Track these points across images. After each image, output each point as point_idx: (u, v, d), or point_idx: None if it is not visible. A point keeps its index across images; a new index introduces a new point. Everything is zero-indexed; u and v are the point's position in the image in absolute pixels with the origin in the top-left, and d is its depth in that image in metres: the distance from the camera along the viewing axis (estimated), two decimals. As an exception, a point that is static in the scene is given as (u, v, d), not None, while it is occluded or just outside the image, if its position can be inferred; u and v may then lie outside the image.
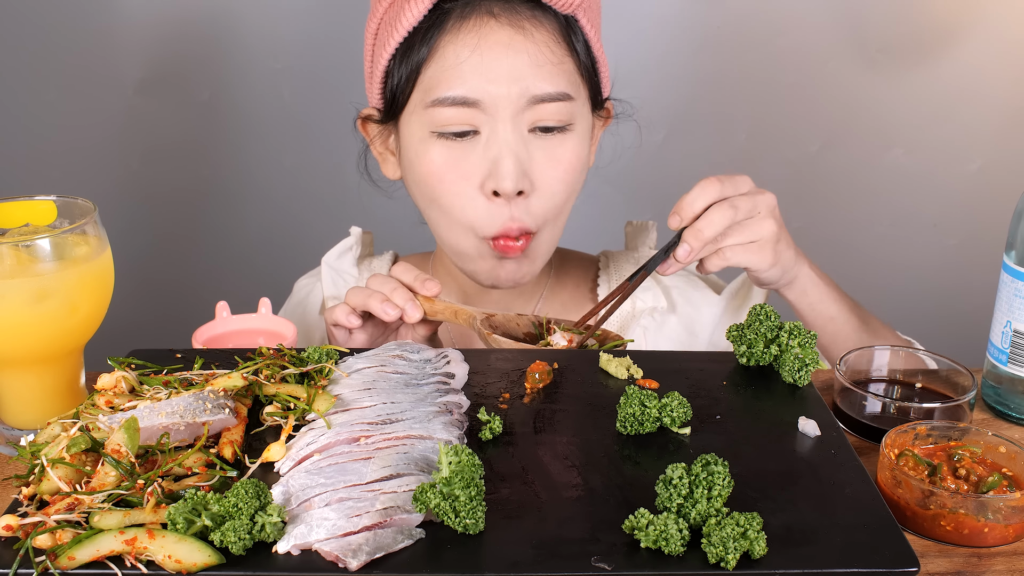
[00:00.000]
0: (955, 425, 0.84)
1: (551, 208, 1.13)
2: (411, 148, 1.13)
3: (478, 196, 1.10)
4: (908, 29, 2.22)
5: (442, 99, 1.08)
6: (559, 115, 1.09)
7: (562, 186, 1.12)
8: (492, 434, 0.80)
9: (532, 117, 1.09)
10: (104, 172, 2.23)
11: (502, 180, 1.07)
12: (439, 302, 1.08)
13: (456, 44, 1.07)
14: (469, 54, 1.06)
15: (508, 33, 1.07)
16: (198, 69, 2.17)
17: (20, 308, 0.82)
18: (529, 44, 1.07)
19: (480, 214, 1.11)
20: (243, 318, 1.10)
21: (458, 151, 1.09)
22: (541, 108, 1.08)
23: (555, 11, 1.10)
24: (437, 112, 1.08)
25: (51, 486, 0.69)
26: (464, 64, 1.07)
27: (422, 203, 1.17)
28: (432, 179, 1.12)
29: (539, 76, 1.07)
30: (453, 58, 1.07)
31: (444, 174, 1.10)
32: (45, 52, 2.12)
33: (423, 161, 1.12)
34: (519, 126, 1.08)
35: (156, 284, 2.26)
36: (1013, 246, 0.95)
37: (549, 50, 1.08)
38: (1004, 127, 2.28)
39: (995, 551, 0.75)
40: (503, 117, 1.07)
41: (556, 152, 1.11)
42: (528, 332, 1.09)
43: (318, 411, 0.79)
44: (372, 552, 0.64)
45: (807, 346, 0.90)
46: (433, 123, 1.09)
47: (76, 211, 0.88)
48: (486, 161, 1.09)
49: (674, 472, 0.68)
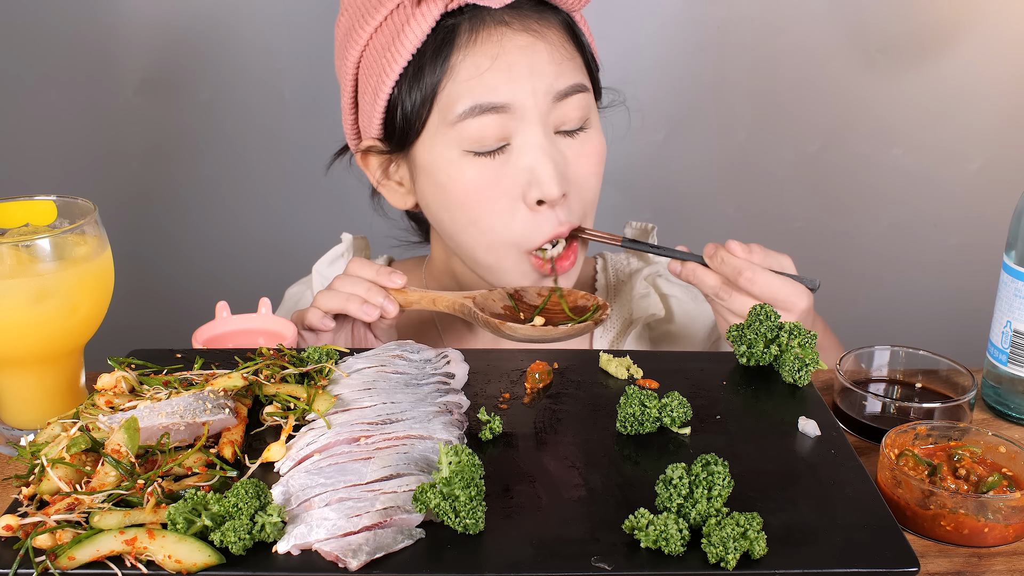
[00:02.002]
0: (955, 425, 0.84)
1: (588, 203, 1.13)
2: (440, 172, 1.09)
3: (520, 209, 1.08)
4: (908, 29, 2.22)
5: (471, 109, 1.04)
6: (579, 111, 1.10)
7: (595, 179, 1.13)
8: (492, 434, 0.80)
9: (556, 119, 1.08)
10: (104, 172, 2.23)
11: (546, 186, 1.05)
12: (412, 292, 1.08)
13: (475, 56, 1.05)
14: (490, 63, 1.05)
15: (525, 37, 1.07)
16: (198, 69, 2.17)
17: (20, 308, 0.82)
18: (544, 44, 1.08)
19: (526, 227, 1.09)
20: (243, 318, 1.10)
21: (492, 166, 1.07)
22: (563, 106, 1.08)
23: (556, 10, 1.11)
24: (466, 126, 1.05)
25: (51, 486, 0.69)
26: (487, 73, 1.05)
27: (455, 227, 1.12)
28: (471, 199, 1.08)
29: (559, 73, 1.08)
30: (473, 70, 1.05)
31: (483, 192, 1.07)
32: (45, 52, 2.12)
33: (457, 183, 1.08)
34: (547, 128, 1.08)
35: (156, 284, 2.26)
36: (1013, 246, 0.95)
37: (563, 47, 1.10)
38: (1004, 127, 2.28)
39: (995, 551, 0.75)
40: (531, 119, 1.06)
41: (584, 148, 1.11)
42: (505, 305, 1.09)
43: (318, 411, 0.79)
44: (372, 552, 0.64)
45: (807, 346, 0.90)
46: (463, 140, 1.06)
47: (76, 211, 0.88)
48: (523, 171, 1.06)
49: (674, 472, 0.68)
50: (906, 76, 2.24)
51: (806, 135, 2.29)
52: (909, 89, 2.25)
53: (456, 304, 1.06)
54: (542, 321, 1.03)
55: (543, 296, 1.09)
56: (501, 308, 1.08)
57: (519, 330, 1.00)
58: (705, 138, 2.29)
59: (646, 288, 1.29)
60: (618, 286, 1.31)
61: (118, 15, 2.11)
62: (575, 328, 1.00)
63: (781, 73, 2.23)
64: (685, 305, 1.30)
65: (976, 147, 2.30)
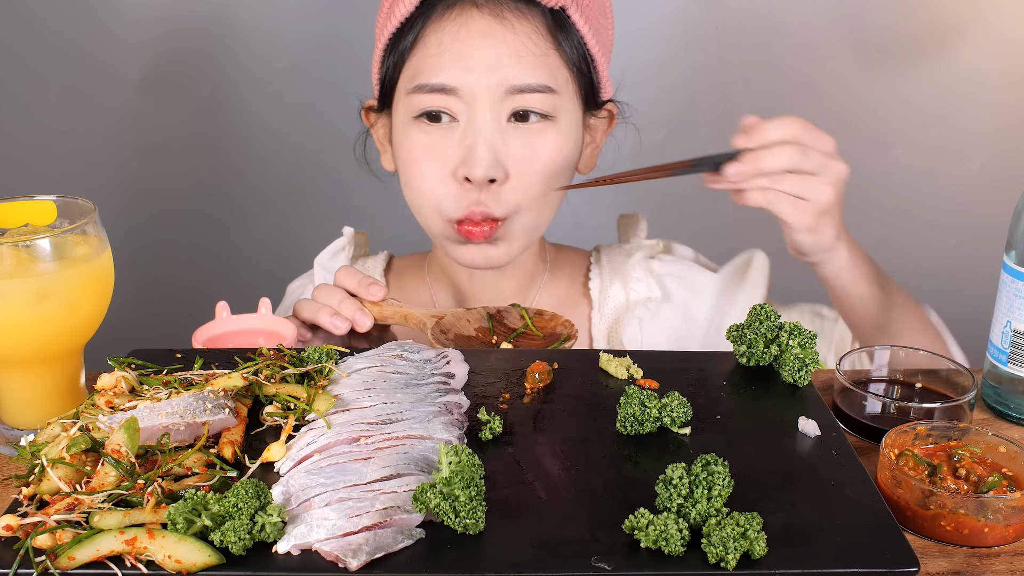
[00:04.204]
0: (955, 425, 0.84)
1: (525, 199, 1.14)
2: (397, 133, 1.17)
3: (450, 181, 1.13)
4: (908, 29, 2.21)
5: (421, 86, 1.11)
6: (538, 106, 1.11)
7: (539, 177, 1.13)
8: (492, 434, 0.80)
9: (511, 106, 1.10)
10: (104, 172, 2.23)
11: (474, 167, 1.09)
12: (387, 306, 1.08)
13: (439, 33, 1.10)
14: (451, 42, 1.09)
15: (488, 23, 1.09)
16: (198, 69, 2.17)
17: (20, 308, 0.82)
18: (509, 34, 1.09)
19: (447, 196, 1.13)
20: (243, 318, 1.10)
21: (436, 136, 1.12)
22: (520, 98, 1.10)
23: (542, 4, 1.11)
24: (417, 98, 1.12)
25: (51, 486, 0.69)
26: (445, 53, 1.09)
27: (402, 187, 1.20)
28: (409, 162, 1.15)
29: (519, 67, 1.09)
30: (435, 47, 1.10)
31: (420, 157, 1.13)
32: (45, 52, 2.12)
33: (403, 145, 1.15)
34: (498, 115, 1.10)
35: (156, 284, 2.25)
36: (1013, 246, 0.95)
37: (532, 42, 1.09)
38: (1004, 127, 2.28)
39: (995, 551, 0.75)
40: (481, 106, 1.09)
41: (535, 143, 1.12)
42: (480, 327, 1.09)
43: (318, 411, 0.79)
44: (372, 552, 0.64)
45: (807, 346, 0.90)
46: (413, 108, 1.13)
47: (76, 211, 0.88)
48: (462, 148, 1.11)
49: (674, 472, 0.68)
50: (906, 76, 2.24)
51: (806, 135, 2.28)
52: (909, 89, 2.24)
53: (421, 323, 1.06)
54: (509, 348, 1.03)
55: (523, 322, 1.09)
56: (475, 330, 1.07)
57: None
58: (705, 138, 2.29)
59: (641, 272, 1.28)
60: (612, 273, 1.31)
61: (118, 15, 2.11)
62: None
63: (781, 73, 2.23)
64: (683, 283, 1.29)
65: (976, 147, 2.30)
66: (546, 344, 1.04)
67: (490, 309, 1.10)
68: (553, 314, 1.09)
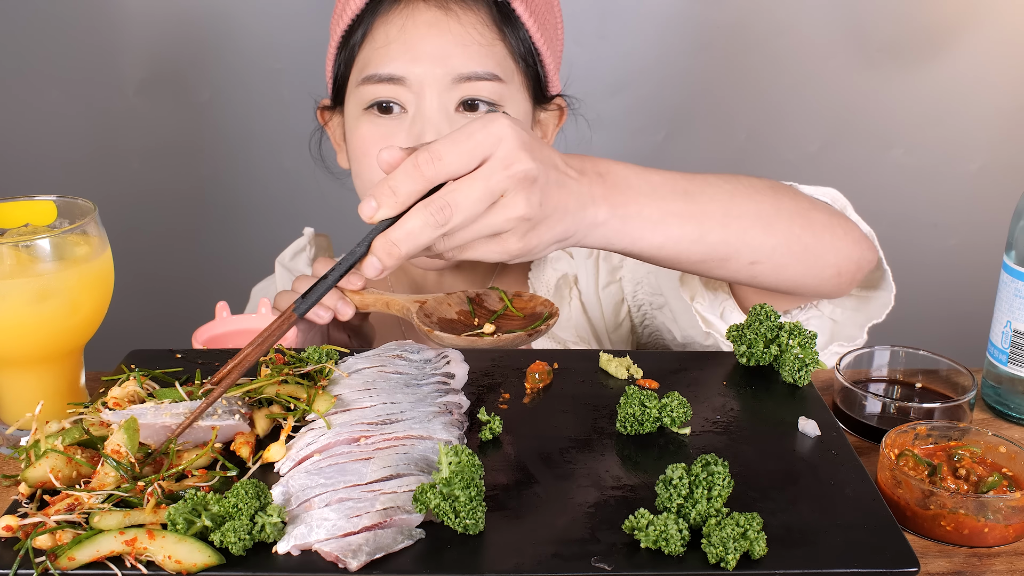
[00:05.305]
0: (955, 425, 0.84)
1: None
2: (348, 127, 1.18)
3: None
4: (908, 29, 2.22)
5: (370, 77, 1.11)
6: (488, 93, 1.11)
7: None
8: (492, 434, 0.80)
9: (459, 94, 1.10)
10: (104, 172, 2.23)
11: None
12: (368, 294, 1.07)
13: (387, 25, 1.11)
14: (398, 33, 1.10)
15: (434, 14, 1.10)
16: (198, 69, 2.17)
17: (21, 308, 0.82)
18: (455, 25, 1.10)
19: None
20: (243, 318, 1.10)
21: (385, 128, 1.12)
22: (468, 86, 1.10)
23: None
24: (366, 89, 1.12)
25: (39, 473, 0.69)
26: (392, 44, 1.10)
27: (353, 179, 1.20)
28: (359, 153, 1.15)
29: (466, 55, 1.10)
30: (383, 39, 1.11)
31: (369, 148, 1.13)
32: (45, 52, 2.13)
33: (354, 137, 1.15)
34: (445, 104, 1.10)
35: (156, 284, 2.26)
36: (1013, 246, 0.95)
37: (477, 32, 1.11)
38: (1004, 127, 2.28)
39: (995, 551, 0.75)
40: (429, 95, 1.10)
41: None
42: (461, 310, 1.08)
43: (318, 411, 0.79)
44: (372, 552, 0.64)
45: (807, 346, 0.90)
46: (363, 100, 1.13)
47: (76, 211, 0.88)
48: (411, 138, 1.11)
49: (674, 472, 0.68)
50: (906, 76, 2.24)
51: (806, 135, 2.29)
52: (909, 89, 2.25)
53: (404, 308, 1.06)
54: (492, 328, 1.02)
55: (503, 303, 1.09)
56: (455, 313, 1.07)
57: (445, 339, 0.99)
58: (705, 138, 2.29)
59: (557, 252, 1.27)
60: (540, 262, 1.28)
61: (118, 15, 2.11)
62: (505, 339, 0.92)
63: (781, 73, 2.23)
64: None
65: (976, 147, 2.30)
66: (527, 324, 1.04)
67: (469, 293, 1.10)
68: (532, 295, 1.08)
